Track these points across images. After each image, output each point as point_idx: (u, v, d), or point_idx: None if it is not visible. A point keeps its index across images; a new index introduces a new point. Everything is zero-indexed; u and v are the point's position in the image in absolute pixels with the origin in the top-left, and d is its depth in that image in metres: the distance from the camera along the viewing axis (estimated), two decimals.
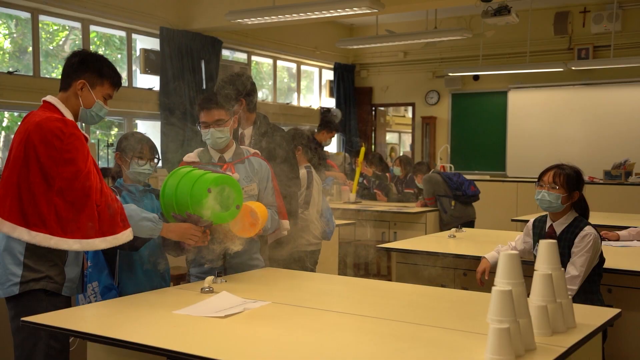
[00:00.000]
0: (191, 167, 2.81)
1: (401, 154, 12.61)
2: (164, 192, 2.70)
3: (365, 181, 7.41)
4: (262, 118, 3.60)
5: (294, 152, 3.68)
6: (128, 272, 2.76)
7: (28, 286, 2.41)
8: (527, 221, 3.28)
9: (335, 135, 7.13)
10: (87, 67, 2.57)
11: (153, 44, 8.38)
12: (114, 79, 2.63)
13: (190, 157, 3.06)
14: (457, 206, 6.29)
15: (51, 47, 7.79)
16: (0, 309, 2.67)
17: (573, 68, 9.32)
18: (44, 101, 2.56)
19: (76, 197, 2.39)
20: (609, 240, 3.95)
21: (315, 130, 6.80)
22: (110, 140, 8.25)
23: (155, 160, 2.86)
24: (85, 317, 2.28)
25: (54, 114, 2.49)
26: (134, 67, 8.31)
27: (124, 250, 2.67)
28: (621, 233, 4.03)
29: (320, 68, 11.63)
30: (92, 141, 7.69)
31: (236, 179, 2.92)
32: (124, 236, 2.48)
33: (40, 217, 2.36)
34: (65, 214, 2.38)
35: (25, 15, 7.14)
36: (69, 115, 2.53)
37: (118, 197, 2.70)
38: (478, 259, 3.34)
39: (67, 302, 2.53)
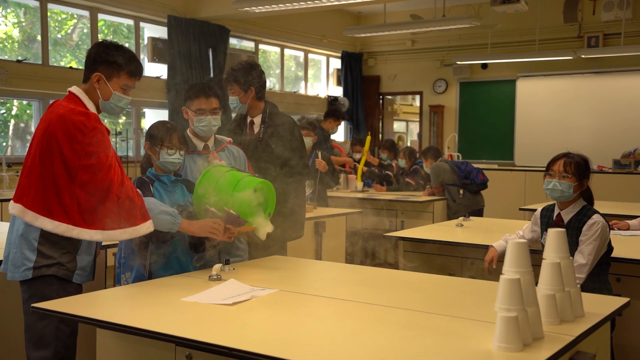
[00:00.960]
0: (227, 167, 2.82)
1: (407, 145, 12.61)
2: (198, 187, 2.73)
3: (377, 170, 7.41)
4: (271, 106, 3.61)
5: (302, 140, 3.69)
6: (163, 266, 2.76)
7: (40, 271, 2.49)
8: (535, 210, 3.27)
9: (342, 124, 7.12)
10: (102, 60, 2.58)
11: (161, 32, 8.37)
12: (131, 69, 2.61)
13: None
14: (465, 195, 6.27)
15: (59, 36, 7.80)
16: (14, 292, 2.73)
17: (583, 56, 9.24)
18: (69, 91, 2.59)
19: (97, 190, 2.44)
20: (620, 229, 3.93)
21: (322, 119, 6.80)
22: (119, 129, 8.27)
23: (185, 149, 2.86)
24: (95, 304, 2.30)
25: (78, 107, 2.53)
26: (142, 56, 8.30)
27: (154, 243, 2.70)
28: (631, 222, 4.00)
29: (328, 56, 11.59)
30: None
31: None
32: (144, 228, 2.51)
33: (64, 208, 2.42)
34: (87, 206, 2.43)
35: (34, 3, 7.14)
36: (91, 107, 2.57)
37: (151, 187, 2.74)
38: (486, 247, 3.33)
39: (78, 289, 2.58)
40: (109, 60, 2.58)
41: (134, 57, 2.65)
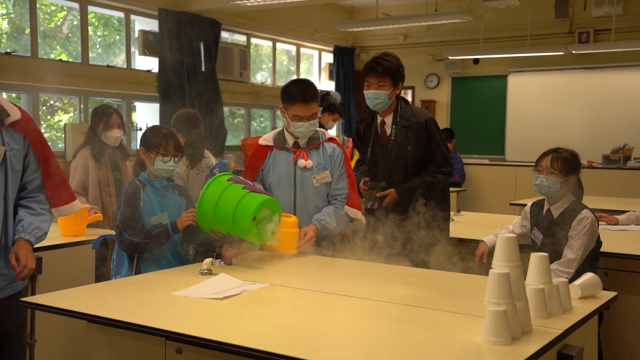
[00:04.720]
0: (228, 177, 2.76)
1: None
2: (201, 202, 2.69)
3: None
4: (402, 103, 3.45)
5: (441, 135, 3.40)
6: (153, 265, 2.75)
7: None
8: (525, 205, 3.29)
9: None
10: None
11: (152, 25, 8.32)
12: None
13: (266, 139, 3.06)
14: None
15: (49, 28, 7.74)
16: None
17: (573, 52, 9.27)
18: None
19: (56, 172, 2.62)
20: (608, 224, 3.96)
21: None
22: None
23: (180, 156, 2.81)
24: (85, 298, 2.29)
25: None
26: (132, 49, 8.26)
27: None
28: (620, 217, 4.03)
29: (320, 51, 11.56)
30: None
31: (309, 166, 2.95)
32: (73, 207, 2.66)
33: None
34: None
35: None
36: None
37: (141, 191, 2.71)
38: (476, 242, 3.35)
39: None
40: None
41: None
